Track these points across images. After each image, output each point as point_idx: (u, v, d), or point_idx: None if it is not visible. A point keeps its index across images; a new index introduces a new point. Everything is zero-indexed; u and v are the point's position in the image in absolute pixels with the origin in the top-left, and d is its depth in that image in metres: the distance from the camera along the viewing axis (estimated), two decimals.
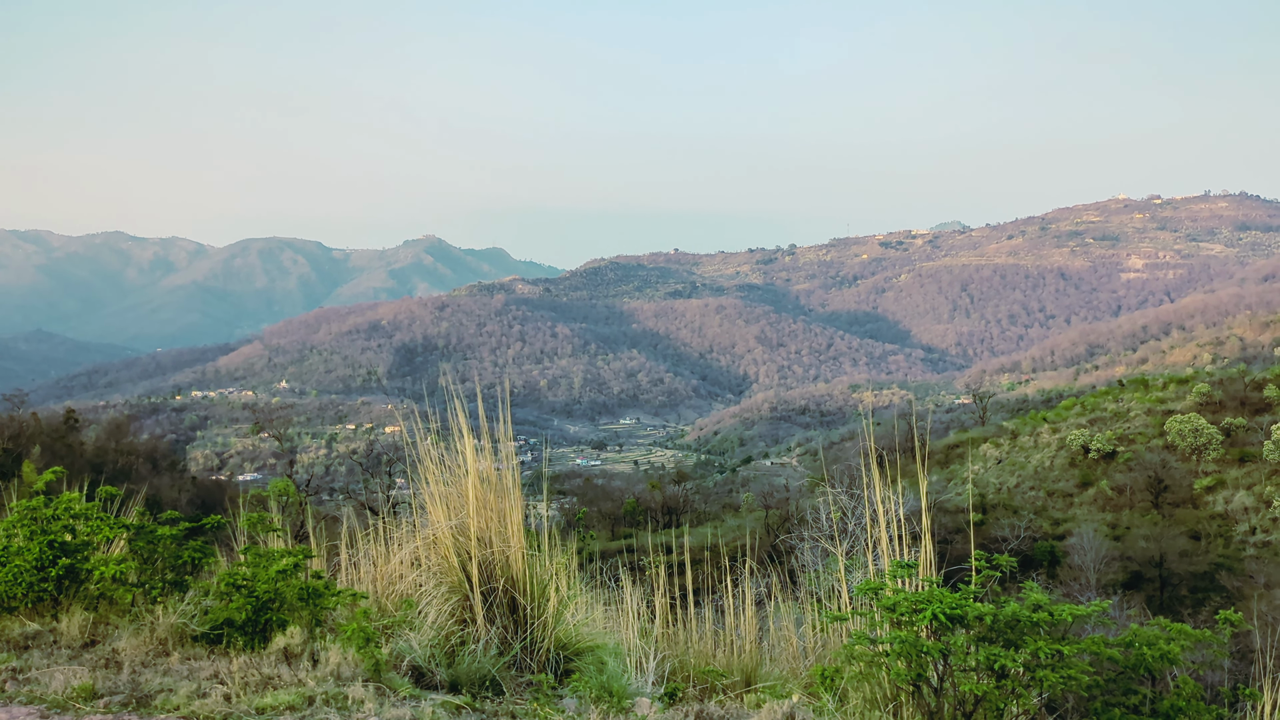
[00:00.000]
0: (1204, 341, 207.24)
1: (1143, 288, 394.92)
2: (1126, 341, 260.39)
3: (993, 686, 5.22)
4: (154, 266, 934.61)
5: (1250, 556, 55.23)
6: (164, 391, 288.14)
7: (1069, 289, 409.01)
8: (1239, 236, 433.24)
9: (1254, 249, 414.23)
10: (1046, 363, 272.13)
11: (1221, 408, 73.88)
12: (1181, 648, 5.78)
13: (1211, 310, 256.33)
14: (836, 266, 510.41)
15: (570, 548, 6.81)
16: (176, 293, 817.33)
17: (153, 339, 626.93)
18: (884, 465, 7.05)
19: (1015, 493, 73.16)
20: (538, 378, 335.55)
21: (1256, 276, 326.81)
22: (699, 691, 6.14)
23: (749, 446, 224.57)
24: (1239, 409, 73.05)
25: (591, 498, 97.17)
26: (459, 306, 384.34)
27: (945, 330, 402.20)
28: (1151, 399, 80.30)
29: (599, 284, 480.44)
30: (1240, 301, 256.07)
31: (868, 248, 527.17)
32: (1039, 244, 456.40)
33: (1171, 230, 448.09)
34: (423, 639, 5.79)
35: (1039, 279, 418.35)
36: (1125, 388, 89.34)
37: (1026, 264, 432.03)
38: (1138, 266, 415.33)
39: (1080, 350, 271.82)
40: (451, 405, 6.56)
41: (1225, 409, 73.46)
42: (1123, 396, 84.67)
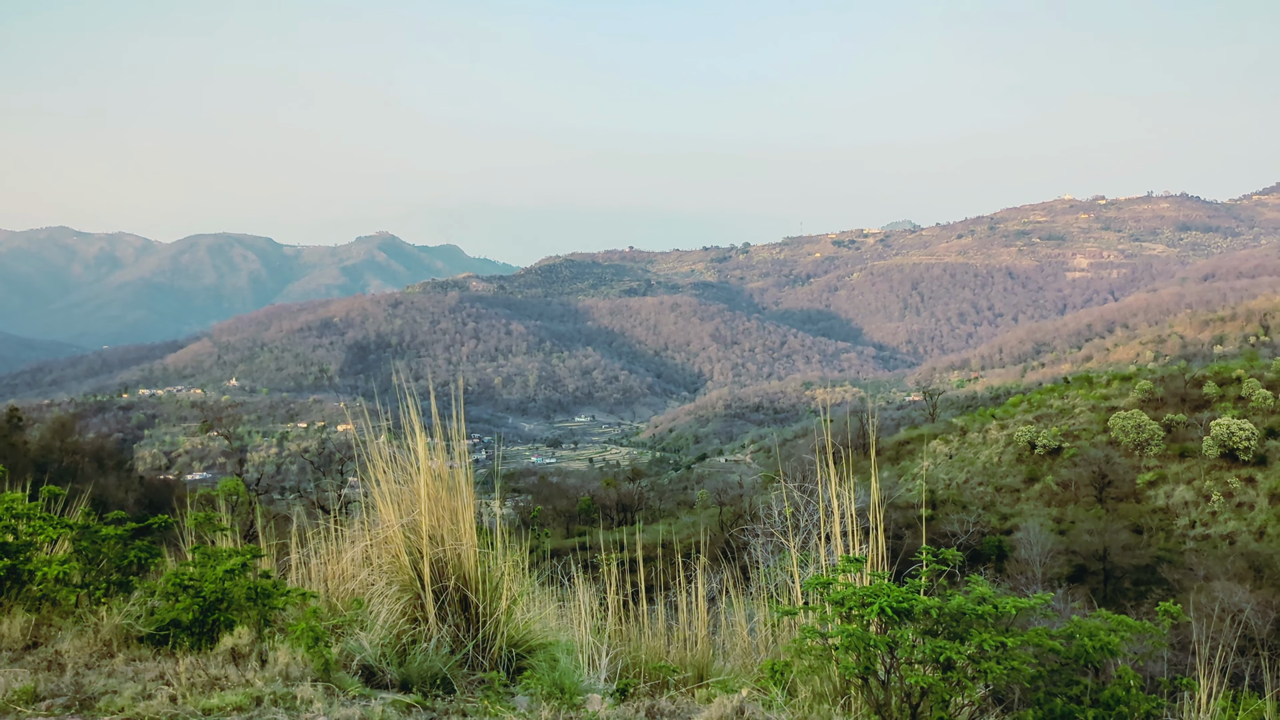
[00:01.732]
0: (1146, 339, 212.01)
1: (1088, 287, 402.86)
2: (1072, 339, 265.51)
3: (939, 679, 5.30)
4: (100, 262, 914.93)
5: (1190, 550, 56.63)
6: (110, 389, 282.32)
7: (1016, 288, 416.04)
8: (1180, 237, 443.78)
9: (1194, 249, 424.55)
10: (995, 360, 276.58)
11: (1163, 404, 75.63)
12: (1122, 639, 5.89)
13: (1154, 309, 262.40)
14: (790, 265, 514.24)
15: (524, 546, 6.80)
16: (123, 289, 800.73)
17: (99, 336, 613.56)
18: (837, 461, 7.13)
19: (964, 488, 74.27)
20: (492, 375, 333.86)
21: (1197, 276, 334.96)
22: (651, 687, 6.17)
23: (703, 444, 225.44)
24: (1180, 405, 74.84)
25: (546, 495, 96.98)
26: (413, 304, 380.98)
27: (896, 328, 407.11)
28: (1096, 396, 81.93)
29: (554, 281, 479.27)
30: (1181, 300, 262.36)
31: (821, 246, 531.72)
32: (988, 243, 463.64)
33: (1115, 230, 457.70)
34: (373, 638, 5.76)
35: (988, 278, 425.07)
36: (1070, 385, 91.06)
37: (975, 263, 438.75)
38: (1083, 266, 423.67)
39: (1027, 348, 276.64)
40: (404, 403, 6.53)
41: (1166, 405, 75.21)
42: (1068, 393, 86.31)
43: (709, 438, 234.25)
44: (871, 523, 6.78)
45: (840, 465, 7.14)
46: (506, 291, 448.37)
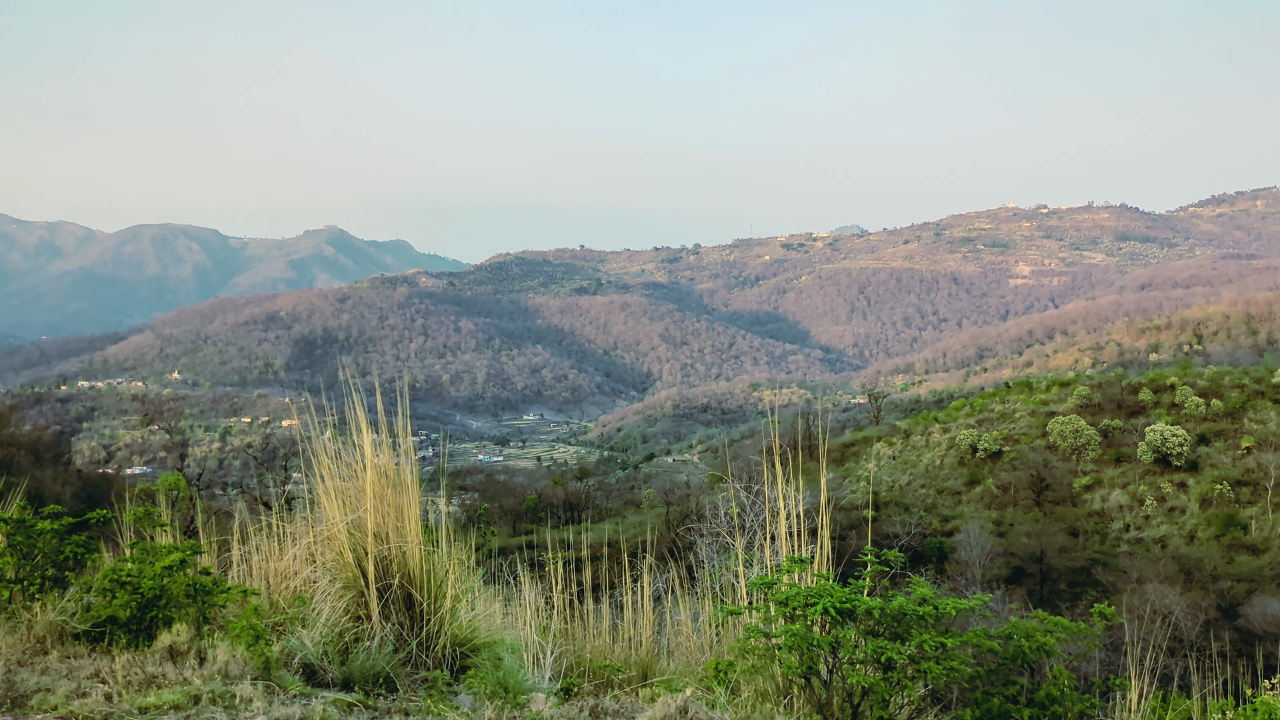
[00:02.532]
0: (1085, 346, 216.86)
1: (1029, 293, 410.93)
2: (1013, 345, 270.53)
3: (880, 678, 5.37)
4: (39, 251, 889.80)
5: (1124, 553, 58.01)
6: (48, 381, 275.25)
7: (961, 293, 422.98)
8: (1119, 246, 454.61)
9: (1132, 259, 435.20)
10: (938, 364, 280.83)
11: (1100, 410, 77.42)
12: (1058, 640, 6.01)
13: (1092, 316, 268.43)
14: (739, 267, 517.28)
15: (470, 544, 6.77)
16: (63, 279, 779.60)
17: (37, 326, 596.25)
18: (783, 463, 7.19)
19: (907, 490, 75.32)
20: (440, 372, 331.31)
21: (1134, 285, 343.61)
22: (596, 686, 6.18)
23: (651, 443, 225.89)
24: (1116, 411, 76.68)
25: (493, 494, 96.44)
26: (361, 299, 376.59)
27: (843, 331, 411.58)
28: (1035, 401, 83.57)
29: (504, 279, 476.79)
30: (1119, 309, 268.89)
31: (770, 249, 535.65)
32: (933, 249, 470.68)
33: (1057, 239, 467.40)
34: (315, 636, 5.69)
35: (933, 283, 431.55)
36: (1011, 390, 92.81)
37: (921, 268, 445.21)
38: (1025, 273, 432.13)
39: (970, 353, 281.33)
40: (350, 399, 6.46)
41: (1103, 411, 77.01)
42: (1009, 398, 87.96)
43: (657, 437, 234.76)
44: (819, 524, 6.85)
45: (786, 466, 7.20)
46: (456, 288, 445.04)
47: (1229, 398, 73.77)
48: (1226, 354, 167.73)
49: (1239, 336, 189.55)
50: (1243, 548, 57.31)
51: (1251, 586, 47.50)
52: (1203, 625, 40.11)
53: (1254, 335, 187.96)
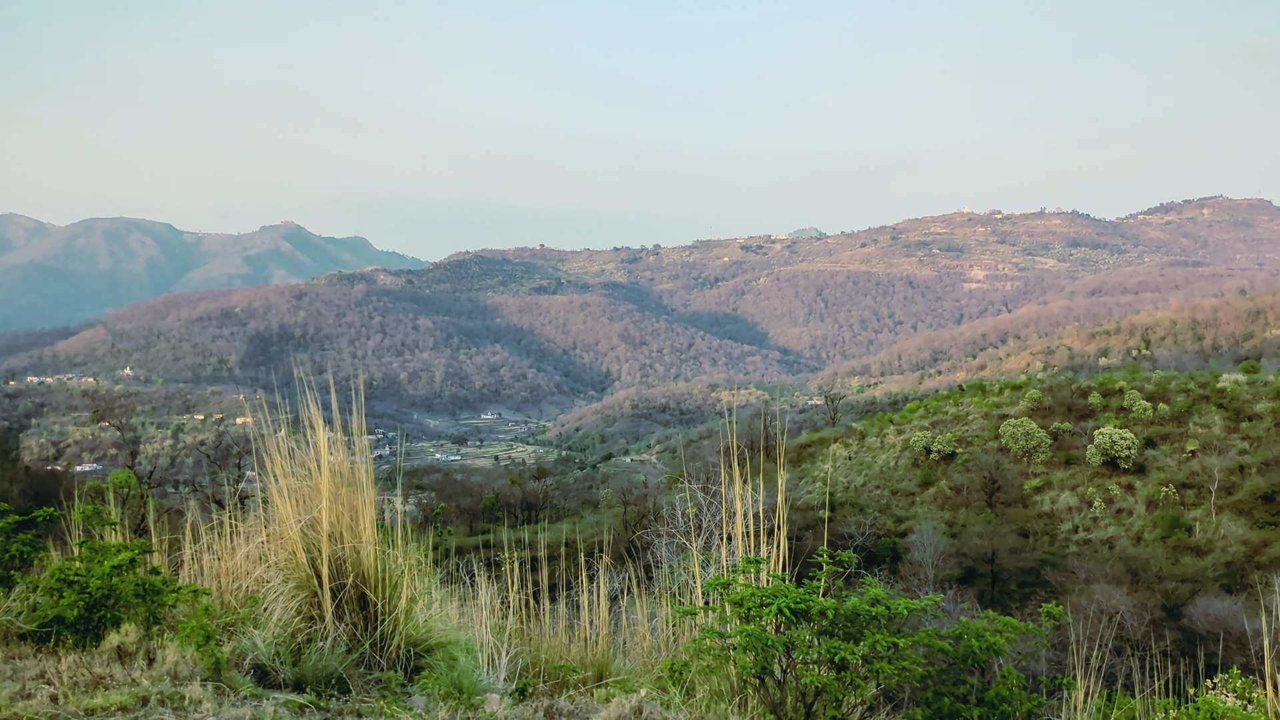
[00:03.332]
0: (1037, 350, 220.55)
1: (983, 298, 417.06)
2: (967, 348, 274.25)
3: (833, 678, 5.42)
4: None
5: (1072, 554, 59.03)
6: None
7: (916, 297, 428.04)
8: (1070, 252, 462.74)
9: (1083, 264, 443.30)
10: (894, 367, 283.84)
11: (1051, 413, 78.71)
12: (1007, 640, 6.11)
13: (1044, 321, 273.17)
14: (699, 268, 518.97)
15: (426, 543, 6.73)
16: (12, 272, 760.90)
17: None
18: (741, 463, 7.23)
19: (862, 491, 76.02)
20: (398, 370, 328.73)
21: (1085, 290, 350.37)
22: (551, 687, 6.17)
23: (610, 443, 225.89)
24: (1066, 414, 78.01)
25: (450, 493, 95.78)
26: (318, 296, 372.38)
27: (801, 333, 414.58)
28: (988, 403, 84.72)
29: (463, 277, 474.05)
30: (1070, 313, 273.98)
31: (729, 250, 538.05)
32: (890, 253, 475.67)
33: (1010, 244, 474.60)
34: (267, 636, 5.62)
35: (889, 286, 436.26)
36: (965, 392, 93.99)
37: (878, 271, 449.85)
38: (979, 277, 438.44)
39: (925, 355, 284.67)
40: (305, 397, 6.40)
41: (1054, 414, 78.31)
42: (962, 400, 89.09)
43: (615, 437, 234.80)
44: (776, 524, 6.90)
45: (744, 467, 7.24)
46: (415, 286, 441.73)
47: (1175, 402, 75.32)
48: (1173, 359, 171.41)
49: (1185, 342, 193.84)
50: (1187, 549, 58.57)
51: (1195, 587, 48.55)
52: (1148, 625, 40.94)
53: (1200, 341, 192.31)
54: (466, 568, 8.15)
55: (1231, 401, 74.06)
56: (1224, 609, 39.51)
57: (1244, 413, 72.54)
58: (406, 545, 6.29)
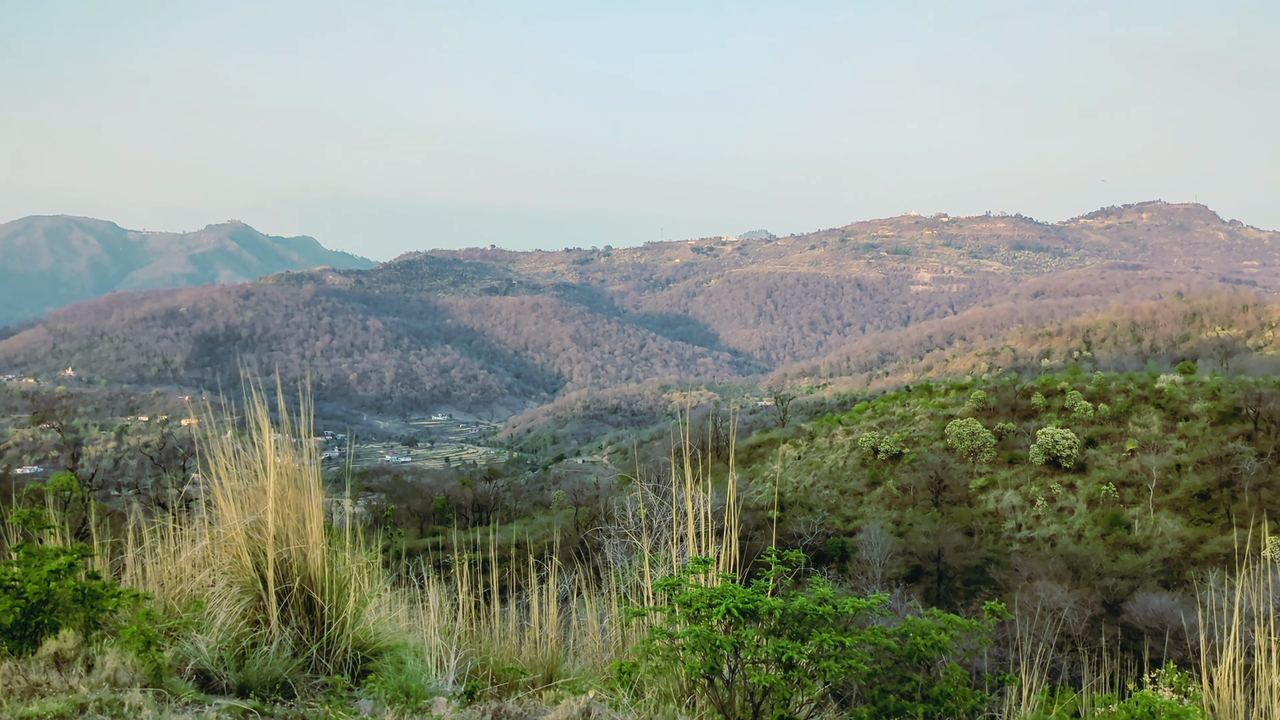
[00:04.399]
0: (982, 351, 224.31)
1: (930, 300, 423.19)
2: (914, 350, 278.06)
3: (780, 678, 5.47)
4: None
5: (1016, 551, 60.16)
6: None
7: (865, 298, 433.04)
8: (1014, 255, 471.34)
9: (1026, 267, 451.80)
10: (843, 368, 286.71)
11: (995, 413, 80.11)
12: (951, 637, 6.20)
13: (989, 323, 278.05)
14: (650, 269, 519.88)
15: (376, 546, 6.68)
16: None
17: None
18: (692, 464, 7.26)
19: (812, 491, 76.72)
20: (347, 371, 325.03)
21: (1028, 293, 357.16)
22: (500, 689, 6.16)
23: (561, 444, 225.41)
24: (1010, 415, 79.44)
25: (401, 495, 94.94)
26: (265, 295, 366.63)
27: (751, 335, 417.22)
28: (934, 404, 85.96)
29: (413, 277, 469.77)
30: (1014, 315, 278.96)
31: (680, 252, 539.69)
32: (839, 255, 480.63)
33: (956, 247, 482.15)
34: (211, 641, 5.54)
35: (838, 288, 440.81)
36: (912, 394, 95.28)
37: (827, 273, 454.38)
38: (926, 280, 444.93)
39: (873, 357, 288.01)
40: (252, 397, 6.31)
41: (998, 415, 79.71)
42: (909, 402, 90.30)
43: (567, 438, 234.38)
44: (726, 525, 6.94)
45: (695, 468, 7.27)
46: (364, 286, 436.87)
47: (1115, 402, 77.06)
48: (1113, 360, 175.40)
49: (1125, 343, 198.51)
50: (1126, 546, 59.98)
51: (1134, 583, 49.73)
52: (1089, 621, 41.84)
53: (1139, 342, 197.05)
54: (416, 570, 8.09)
55: (1169, 402, 75.95)
56: (1162, 604, 40.50)
57: (1181, 413, 74.45)
58: (355, 548, 6.23)
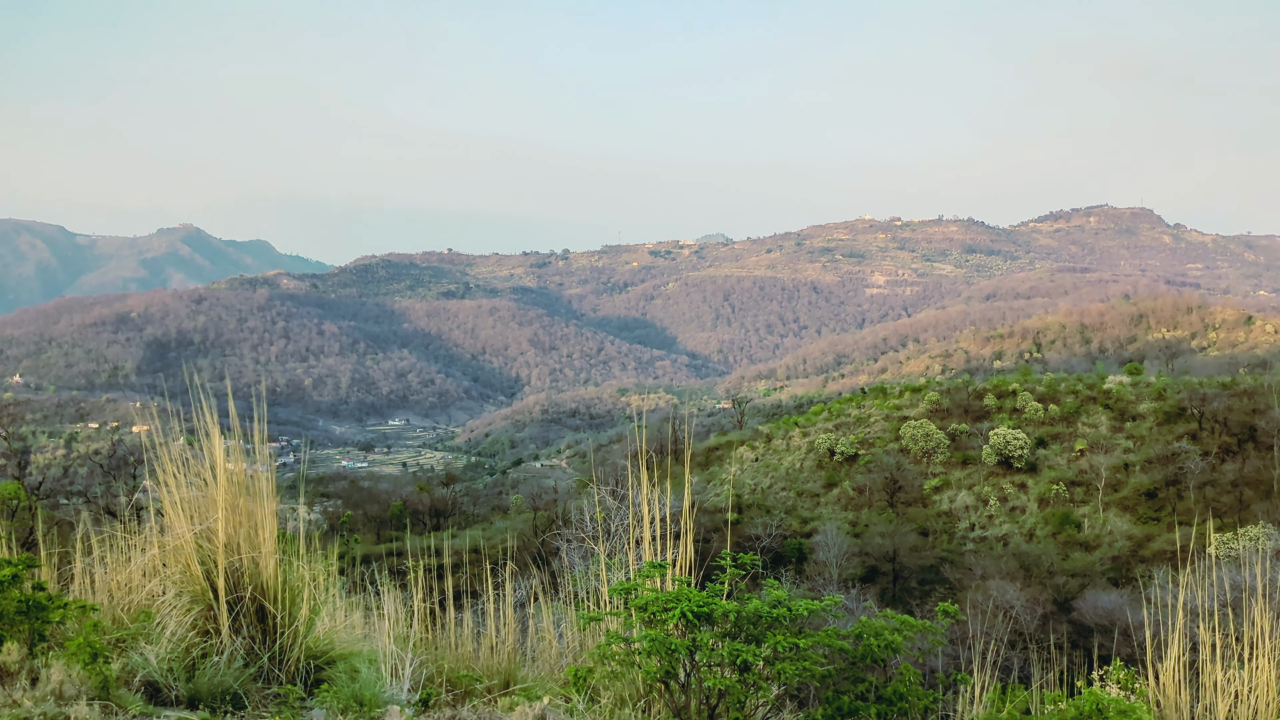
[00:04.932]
0: (935, 353, 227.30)
1: (884, 302, 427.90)
2: (869, 352, 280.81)
3: (736, 681, 5.50)
4: None
5: (969, 551, 60.98)
6: None
7: (820, 301, 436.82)
8: (966, 258, 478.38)
9: (978, 270, 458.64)
10: (799, 370, 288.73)
11: (949, 415, 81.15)
12: (905, 638, 6.28)
13: (942, 325, 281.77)
14: (608, 273, 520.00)
15: (331, 553, 6.62)
16: None
17: None
18: (650, 467, 7.28)
19: (769, 493, 77.15)
20: (303, 376, 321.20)
21: (980, 295, 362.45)
22: (456, 696, 6.13)
23: (520, 448, 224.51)
24: (963, 416, 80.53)
25: (357, 501, 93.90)
26: (218, 300, 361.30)
27: (709, 337, 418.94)
28: (889, 406, 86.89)
29: (370, 281, 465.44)
30: (966, 318, 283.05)
31: (638, 255, 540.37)
32: (795, 258, 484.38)
33: (910, 250, 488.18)
34: (160, 652, 5.45)
35: (794, 291, 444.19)
36: (867, 395, 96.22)
37: (783, 277, 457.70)
38: (880, 283, 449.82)
39: (829, 359, 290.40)
40: (204, 404, 6.22)
41: (952, 416, 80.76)
42: (865, 403, 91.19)
43: (525, 443, 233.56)
44: (682, 528, 6.97)
45: (653, 471, 7.29)
46: (319, 290, 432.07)
47: (1064, 403, 78.43)
48: (1063, 361, 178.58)
49: (1074, 345, 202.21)
50: (1076, 544, 61.07)
51: (1084, 581, 50.63)
52: (1041, 619, 42.49)
53: (1087, 344, 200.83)
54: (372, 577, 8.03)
55: (1117, 402, 77.47)
56: (1111, 602, 41.23)
57: (1128, 413, 75.97)
58: (309, 555, 6.17)
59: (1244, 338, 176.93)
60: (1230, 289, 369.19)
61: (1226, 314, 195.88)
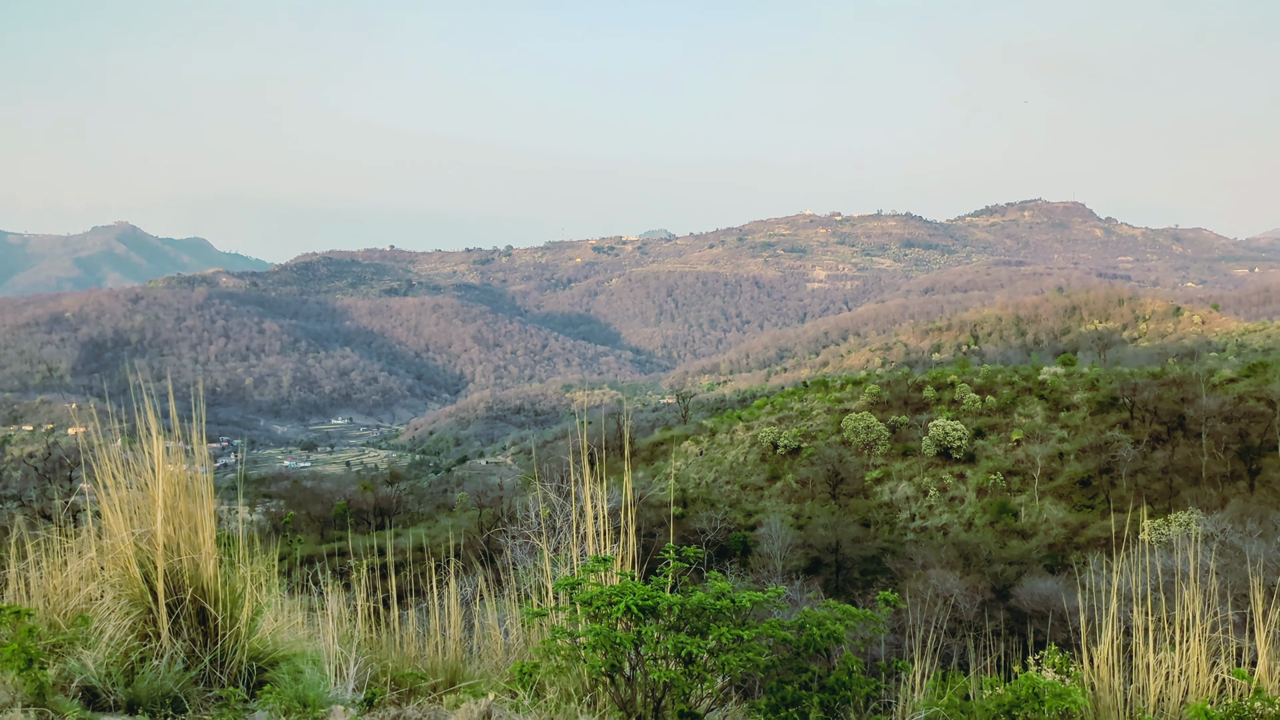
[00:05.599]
0: (875, 347, 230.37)
1: (825, 297, 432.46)
2: (811, 346, 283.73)
3: (681, 673, 5.57)
4: None
5: (910, 541, 61.98)
6: None
7: (763, 296, 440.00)
8: (905, 252, 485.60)
9: (917, 264, 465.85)
10: (742, 365, 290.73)
11: (889, 407, 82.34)
12: (847, 627, 6.40)
13: (882, 319, 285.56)
14: (552, 269, 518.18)
15: (273, 553, 6.56)
16: None
17: None
18: (594, 463, 7.32)
19: (713, 487, 77.61)
20: (243, 376, 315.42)
21: (919, 289, 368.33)
22: (401, 695, 6.12)
23: (465, 446, 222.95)
24: (903, 408, 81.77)
25: (300, 500, 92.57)
26: (156, 299, 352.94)
27: (652, 333, 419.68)
28: (831, 399, 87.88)
29: (311, 279, 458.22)
30: (905, 311, 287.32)
31: (581, 252, 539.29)
32: (737, 254, 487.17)
33: (850, 245, 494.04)
34: (99, 657, 5.37)
35: (736, 286, 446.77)
36: (809, 389, 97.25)
37: (725, 272, 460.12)
38: (821, 277, 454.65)
39: (772, 353, 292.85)
40: (142, 404, 6.13)
41: (892, 408, 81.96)
42: (807, 396, 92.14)
43: (470, 440, 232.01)
44: (623, 523, 7.03)
45: (597, 466, 7.33)
46: (260, 289, 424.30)
47: (1001, 394, 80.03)
48: (999, 353, 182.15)
49: (1010, 337, 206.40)
50: (1014, 533, 62.40)
51: (1021, 569, 51.74)
52: (980, 606, 43.35)
53: (1023, 336, 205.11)
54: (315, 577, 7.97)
55: (1051, 393, 79.26)
56: (1047, 588, 42.20)
57: (1063, 403, 77.78)
58: (251, 556, 6.11)
59: (1173, 328, 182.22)
60: (1159, 281, 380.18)
61: (1156, 305, 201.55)
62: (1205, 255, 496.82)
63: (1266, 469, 62.00)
